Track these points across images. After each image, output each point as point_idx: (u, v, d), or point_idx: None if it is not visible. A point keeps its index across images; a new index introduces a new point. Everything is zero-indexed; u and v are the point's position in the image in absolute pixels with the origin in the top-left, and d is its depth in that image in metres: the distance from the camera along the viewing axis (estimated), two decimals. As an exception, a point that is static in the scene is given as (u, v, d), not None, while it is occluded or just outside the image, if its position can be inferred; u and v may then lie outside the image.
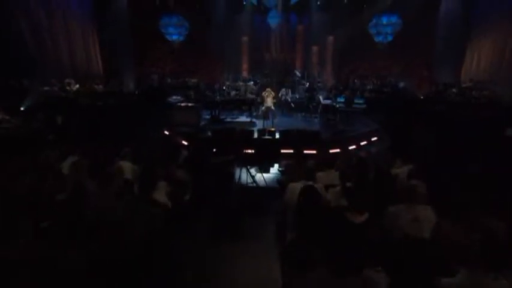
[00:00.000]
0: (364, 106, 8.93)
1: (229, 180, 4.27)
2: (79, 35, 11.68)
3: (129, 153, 3.66)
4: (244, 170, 4.90)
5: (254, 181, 4.76)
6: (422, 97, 12.40)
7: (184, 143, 7.84)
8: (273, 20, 8.81)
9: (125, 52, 13.34)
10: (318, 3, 13.97)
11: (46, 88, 9.33)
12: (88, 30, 12.23)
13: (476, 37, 11.55)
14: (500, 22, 10.37)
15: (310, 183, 2.70)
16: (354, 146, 7.49)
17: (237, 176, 4.74)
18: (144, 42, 14.26)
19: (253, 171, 5.52)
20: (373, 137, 8.21)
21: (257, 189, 4.77)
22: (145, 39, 14.19)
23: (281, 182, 4.16)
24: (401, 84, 13.36)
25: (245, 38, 14.83)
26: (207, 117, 9.44)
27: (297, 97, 10.89)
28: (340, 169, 3.18)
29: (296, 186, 2.71)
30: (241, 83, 11.48)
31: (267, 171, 6.05)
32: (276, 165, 6.58)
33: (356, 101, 9.27)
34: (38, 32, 9.64)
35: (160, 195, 2.87)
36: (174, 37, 13.60)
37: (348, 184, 2.61)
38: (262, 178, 5.41)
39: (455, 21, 12.31)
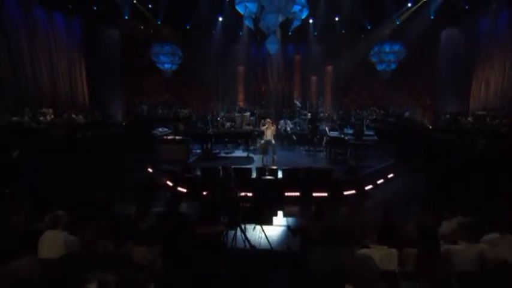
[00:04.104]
0: (375, 138, 7.91)
1: (219, 254, 3.01)
2: (64, 62, 10.89)
3: (63, 217, 2.41)
4: (239, 230, 3.65)
5: (252, 247, 3.50)
6: (430, 127, 11.58)
7: (169, 183, 6.63)
8: (272, 46, 8.13)
9: (115, 81, 12.59)
10: (316, 33, 13.67)
11: (15, 118, 8.20)
12: (75, 57, 11.49)
13: (482, 63, 10.95)
14: (506, 45, 9.78)
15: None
16: (370, 186, 6.34)
17: (229, 240, 3.48)
18: (135, 72, 13.57)
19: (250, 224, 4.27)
20: (390, 173, 7.10)
21: (257, 258, 3.49)
22: (137, 68, 13.53)
23: (294, 252, 2.93)
24: (407, 114, 12.62)
25: (241, 68, 14.31)
26: (198, 151, 8.32)
27: (298, 128, 9.93)
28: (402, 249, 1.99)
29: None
30: (237, 114, 10.56)
31: (269, 222, 4.79)
32: (280, 214, 5.36)
33: (365, 132, 8.28)
34: (16, 54, 8.80)
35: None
36: (166, 66, 12.97)
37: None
38: (263, 235, 4.15)
39: (458, 48, 11.89)
